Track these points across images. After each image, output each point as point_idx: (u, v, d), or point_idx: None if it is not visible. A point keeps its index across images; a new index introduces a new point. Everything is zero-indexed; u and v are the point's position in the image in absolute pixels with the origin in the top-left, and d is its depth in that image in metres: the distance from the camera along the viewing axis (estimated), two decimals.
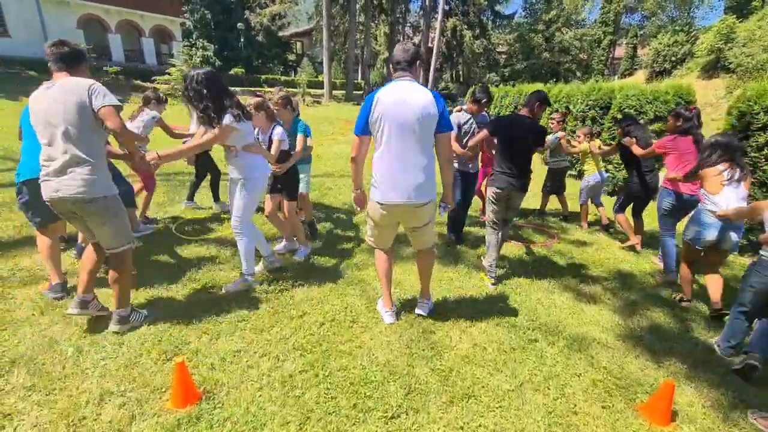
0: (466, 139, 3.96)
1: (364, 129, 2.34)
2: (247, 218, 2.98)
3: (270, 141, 3.33)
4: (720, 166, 3.00)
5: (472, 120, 3.99)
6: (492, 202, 3.44)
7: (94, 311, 2.48)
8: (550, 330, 2.81)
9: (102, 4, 20.87)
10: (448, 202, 2.62)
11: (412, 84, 2.31)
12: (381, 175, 2.36)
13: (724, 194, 2.94)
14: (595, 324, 2.96)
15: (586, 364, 2.48)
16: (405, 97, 2.24)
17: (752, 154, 4.19)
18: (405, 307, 2.97)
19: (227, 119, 2.62)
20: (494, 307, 3.09)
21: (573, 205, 5.70)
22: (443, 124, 2.34)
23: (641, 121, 6.27)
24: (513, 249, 4.38)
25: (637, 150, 4.01)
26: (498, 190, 3.37)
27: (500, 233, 3.49)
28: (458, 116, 3.96)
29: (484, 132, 3.47)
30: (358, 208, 2.60)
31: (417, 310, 2.84)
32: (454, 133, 3.41)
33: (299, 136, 3.56)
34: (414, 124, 2.24)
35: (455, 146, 3.69)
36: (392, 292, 2.88)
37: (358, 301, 3.02)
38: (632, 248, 4.50)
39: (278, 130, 3.32)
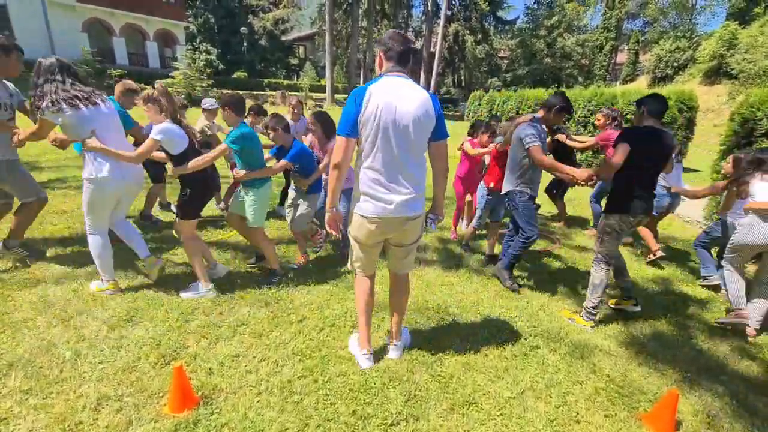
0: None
1: (351, 130, 1.96)
2: (97, 225, 2.77)
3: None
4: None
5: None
6: (612, 231, 2.89)
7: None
8: (551, 336, 2.79)
9: (108, 8, 21.07)
10: (439, 214, 2.29)
11: (406, 80, 2.00)
12: (370, 185, 2.02)
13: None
14: (597, 331, 2.93)
15: (589, 372, 2.45)
16: (402, 95, 1.94)
17: None
18: (407, 313, 2.95)
19: (43, 108, 2.46)
20: (496, 313, 3.07)
21: (571, 210, 5.69)
22: (439, 130, 2.07)
23: None
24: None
25: (576, 144, 4.83)
26: (631, 219, 2.85)
27: (612, 269, 3.03)
28: (535, 128, 3.21)
29: (626, 147, 2.69)
30: (333, 233, 2.20)
31: (390, 355, 2.42)
32: (538, 146, 3.07)
33: (221, 146, 2.92)
34: (410, 127, 1.95)
35: (545, 160, 3.10)
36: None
37: None
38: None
39: (156, 128, 2.72)
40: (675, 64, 21.86)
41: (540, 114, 3.33)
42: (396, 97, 1.94)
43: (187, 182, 2.90)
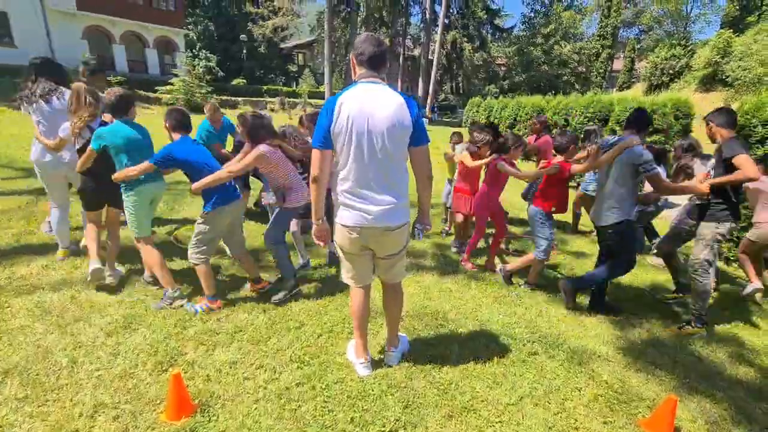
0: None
1: (325, 141, 1.91)
2: (54, 199, 3.43)
3: None
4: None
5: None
6: (722, 239, 3.00)
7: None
8: (550, 343, 2.78)
9: (108, 16, 21.21)
10: (426, 224, 2.20)
11: (379, 86, 1.91)
12: (348, 195, 1.98)
13: None
14: (595, 337, 2.93)
15: (587, 378, 2.45)
16: (374, 103, 1.86)
17: None
18: (403, 319, 2.95)
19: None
20: (494, 319, 3.06)
21: (566, 216, 5.71)
22: (418, 136, 1.96)
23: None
24: (511, 260, 4.35)
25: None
26: (732, 225, 2.98)
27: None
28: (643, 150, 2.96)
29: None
30: (321, 243, 2.15)
31: (387, 362, 2.41)
32: (659, 172, 2.92)
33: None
34: (385, 135, 1.87)
35: (670, 185, 3.20)
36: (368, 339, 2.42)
37: None
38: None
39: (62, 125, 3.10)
40: (671, 72, 22.05)
41: (633, 134, 3.04)
42: (368, 105, 1.86)
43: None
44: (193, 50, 27.26)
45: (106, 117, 3.19)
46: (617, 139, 3.15)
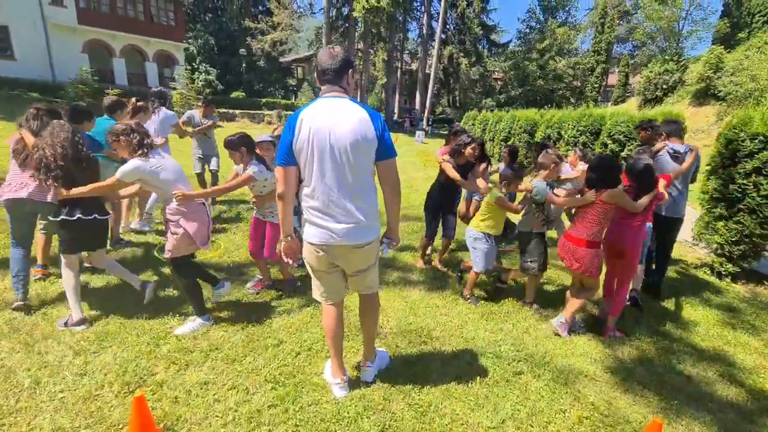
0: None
1: (287, 158, 1.88)
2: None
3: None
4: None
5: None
6: None
7: None
8: (536, 362, 2.70)
9: (109, 30, 21.48)
10: (393, 238, 2.13)
11: (342, 101, 1.87)
12: (313, 213, 1.93)
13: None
14: (583, 355, 2.85)
15: (573, 399, 2.36)
16: (335, 118, 1.81)
17: (740, 181, 4.18)
18: (386, 336, 2.87)
19: None
20: (480, 337, 2.99)
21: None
22: (384, 151, 1.90)
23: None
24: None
25: None
26: None
27: None
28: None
29: None
30: (290, 261, 2.11)
31: (363, 377, 2.35)
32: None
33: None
34: (348, 151, 1.82)
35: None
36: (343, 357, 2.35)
37: None
38: None
39: None
40: (664, 86, 22.32)
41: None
42: (330, 119, 1.81)
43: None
44: (193, 64, 27.59)
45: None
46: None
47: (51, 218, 2.66)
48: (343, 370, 2.26)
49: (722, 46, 19.93)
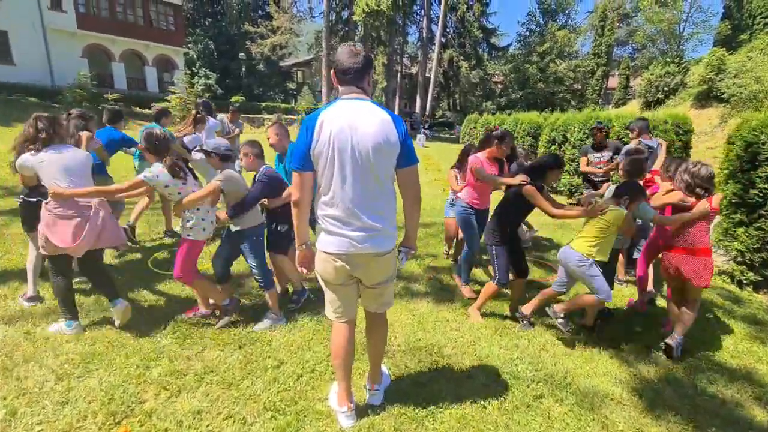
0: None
1: (305, 162, 1.76)
2: None
3: None
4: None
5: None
6: None
7: None
8: (557, 383, 2.50)
9: (109, 35, 21.39)
10: (411, 247, 2.04)
11: (364, 103, 1.76)
12: (331, 220, 1.81)
13: None
14: (606, 375, 2.65)
15: (600, 428, 2.16)
16: (357, 121, 1.71)
17: (761, 186, 4.01)
18: (394, 355, 2.68)
19: None
20: (494, 354, 2.79)
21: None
22: (406, 156, 1.80)
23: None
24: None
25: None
26: None
27: None
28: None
29: None
30: (305, 270, 1.99)
31: (369, 400, 2.19)
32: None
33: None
34: (370, 156, 1.72)
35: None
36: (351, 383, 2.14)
37: None
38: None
39: None
40: (665, 89, 22.20)
41: None
42: (351, 122, 1.71)
43: None
44: (193, 68, 27.54)
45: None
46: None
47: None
48: (350, 396, 2.08)
49: (724, 48, 19.84)
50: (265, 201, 2.98)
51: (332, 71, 1.83)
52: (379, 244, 1.84)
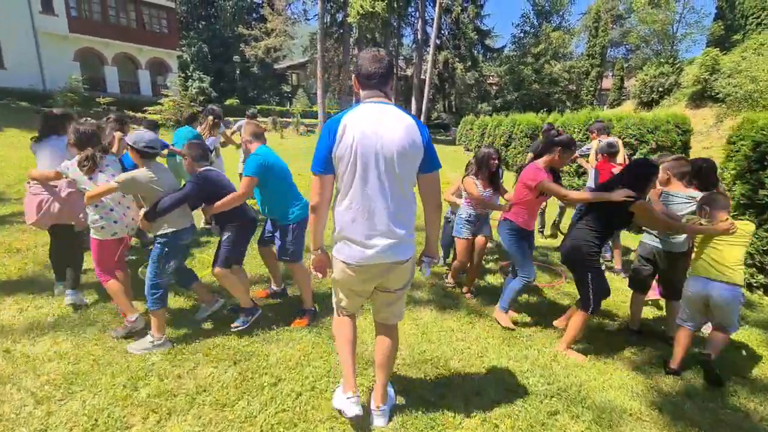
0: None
1: (325, 166, 1.74)
2: None
3: None
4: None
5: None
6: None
7: None
8: (571, 398, 2.37)
9: (101, 38, 21.13)
10: (433, 256, 2.02)
11: (388, 107, 1.74)
12: (349, 227, 1.77)
13: None
14: (622, 388, 2.51)
15: None
16: (382, 124, 1.69)
17: None
18: (399, 368, 2.53)
19: None
20: (504, 366, 2.65)
21: None
22: (429, 162, 1.78)
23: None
24: None
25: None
26: None
27: None
28: None
29: None
30: (320, 275, 1.96)
31: (375, 423, 2.04)
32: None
33: None
34: (394, 160, 1.69)
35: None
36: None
37: None
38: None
39: None
40: (660, 89, 22.27)
41: None
42: (376, 126, 1.69)
43: None
44: (187, 71, 27.30)
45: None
46: None
47: None
48: (355, 383, 2.01)
49: (717, 49, 19.93)
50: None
51: (354, 76, 1.83)
52: (400, 252, 1.81)
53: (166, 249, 2.57)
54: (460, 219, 3.69)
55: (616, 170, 3.75)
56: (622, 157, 4.50)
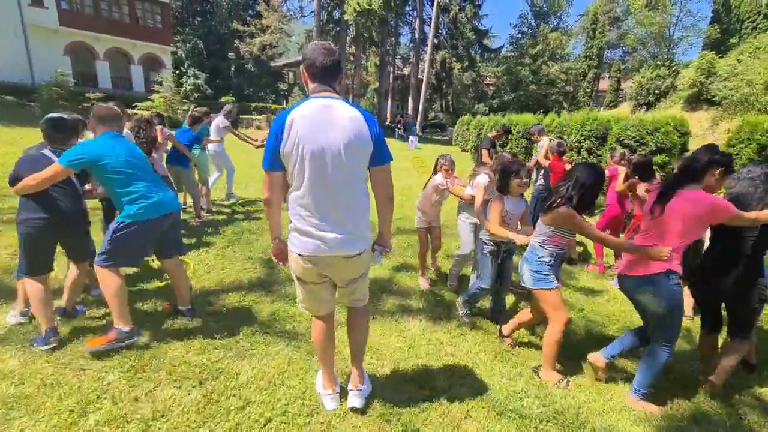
0: None
1: (274, 162, 1.74)
2: None
3: None
4: None
5: None
6: None
7: None
8: (569, 422, 2.16)
9: (92, 32, 20.73)
10: (385, 245, 2.05)
11: (335, 101, 1.73)
12: (302, 221, 1.79)
13: None
14: (624, 411, 2.31)
15: None
16: (329, 119, 1.69)
17: None
18: (382, 389, 2.31)
19: None
20: (496, 387, 2.44)
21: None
22: (379, 155, 1.79)
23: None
24: (510, 300, 3.76)
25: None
26: None
27: None
28: None
29: None
30: (280, 263, 2.03)
31: (350, 403, 2.08)
32: None
33: None
34: (342, 154, 1.70)
35: None
36: (335, 369, 2.21)
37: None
38: None
39: None
40: (656, 91, 22.24)
41: None
42: (322, 121, 1.69)
43: None
44: (182, 68, 26.91)
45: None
46: None
47: None
48: (334, 381, 2.16)
49: (713, 52, 19.91)
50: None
51: (302, 68, 1.80)
52: (351, 246, 1.82)
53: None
54: (538, 264, 2.53)
55: (568, 167, 4.08)
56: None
